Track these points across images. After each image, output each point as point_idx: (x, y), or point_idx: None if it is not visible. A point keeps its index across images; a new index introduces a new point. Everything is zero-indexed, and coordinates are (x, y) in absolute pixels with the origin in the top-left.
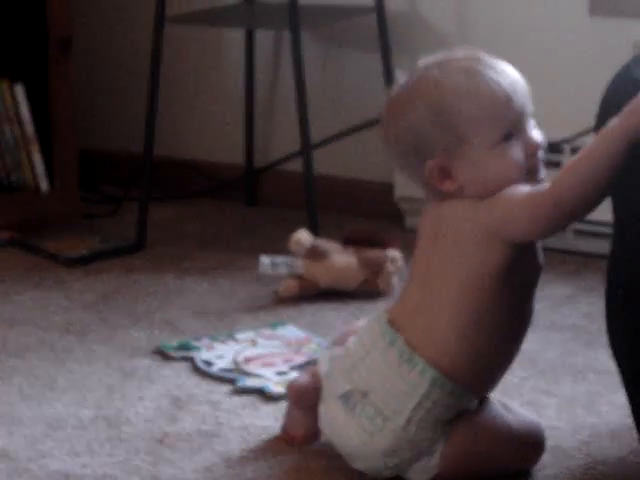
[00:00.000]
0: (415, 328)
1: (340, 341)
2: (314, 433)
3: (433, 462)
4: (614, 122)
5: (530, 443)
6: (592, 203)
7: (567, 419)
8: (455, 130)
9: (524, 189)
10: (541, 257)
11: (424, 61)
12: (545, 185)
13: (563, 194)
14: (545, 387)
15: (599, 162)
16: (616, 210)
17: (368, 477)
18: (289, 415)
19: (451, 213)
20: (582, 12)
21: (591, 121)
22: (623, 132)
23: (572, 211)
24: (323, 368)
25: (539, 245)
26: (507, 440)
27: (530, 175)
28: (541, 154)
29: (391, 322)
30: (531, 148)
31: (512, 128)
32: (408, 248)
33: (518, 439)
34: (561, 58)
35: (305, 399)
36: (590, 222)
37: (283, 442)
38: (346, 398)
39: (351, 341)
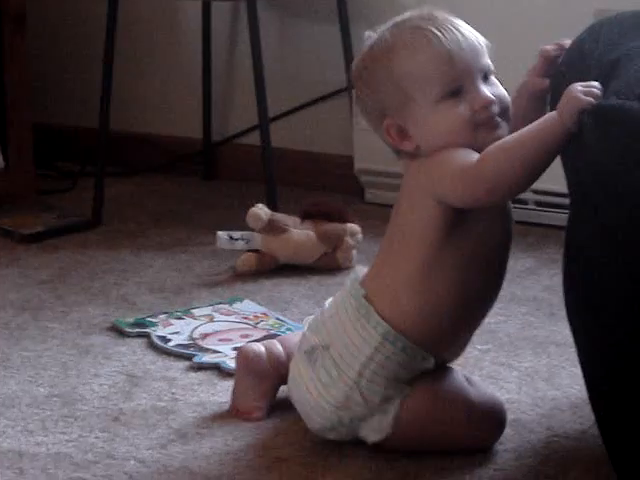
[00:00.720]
0: (376, 285)
1: None
2: (261, 408)
3: (386, 422)
4: (552, 113)
5: (490, 420)
6: (515, 187)
7: (527, 392)
8: (402, 87)
9: (462, 154)
10: (507, 220)
11: (388, 22)
12: (475, 156)
13: (489, 172)
14: (505, 360)
15: (530, 148)
16: (570, 183)
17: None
18: (238, 385)
19: (406, 172)
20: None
21: None
22: (558, 121)
23: (491, 192)
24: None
25: (503, 207)
26: (466, 413)
27: (483, 131)
28: (494, 109)
29: (362, 281)
30: (478, 103)
31: (457, 84)
32: (368, 220)
33: (478, 414)
34: (522, 28)
35: (254, 364)
36: (552, 194)
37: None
38: (310, 352)
39: (328, 300)
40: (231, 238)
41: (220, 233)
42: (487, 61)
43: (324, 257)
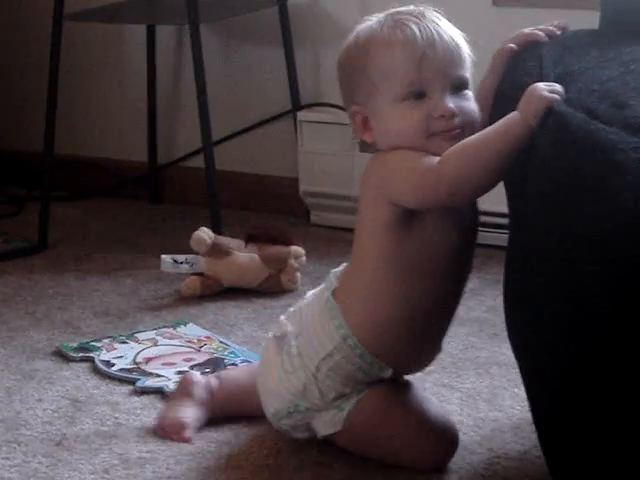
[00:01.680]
0: (343, 285)
1: None
2: (186, 430)
3: (339, 417)
4: (513, 114)
5: (441, 440)
6: (476, 190)
7: (469, 414)
8: (370, 79)
9: (420, 157)
10: (466, 230)
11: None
12: (434, 159)
13: (451, 173)
14: (448, 381)
15: (492, 147)
16: (510, 204)
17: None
18: (171, 404)
19: (367, 166)
20: (486, 2)
21: None
22: (522, 120)
23: (452, 194)
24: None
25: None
26: (417, 426)
27: (436, 140)
28: (454, 121)
29: (339, 276)
30: (436, 111)
31: (422, 87)
32: (313, 242)
33: (429, 431)
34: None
35: (190, 391)
36: (496, 214)
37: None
38: (280, 338)
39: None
40: (175, 262)
41: (164, 257)
42: (463, 73)
43: (268, 280)
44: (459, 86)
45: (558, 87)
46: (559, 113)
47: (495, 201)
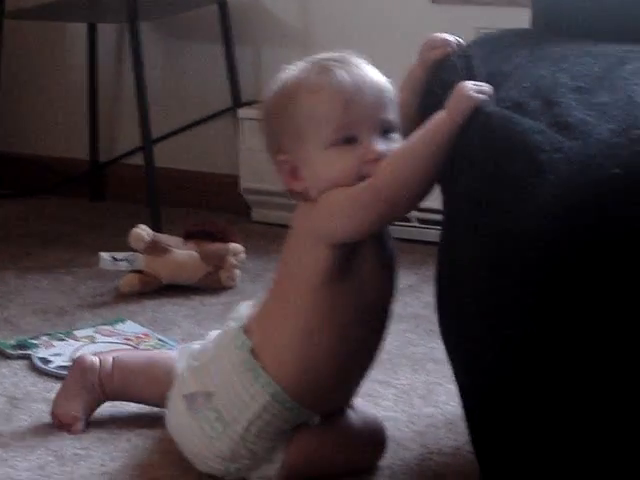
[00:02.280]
0: (261, 333)
1: None
2: (81, 419)
3: (273, 469)
4: (440, 114)
5: (372, 443)
6: (415, 195)
7: (404, 410)
8: (298, 127)
9: (344, 188)
10: (390, 270)
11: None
12: (367, 180)
13: (383, 181)
14: (383, 378)
15: (423, 150)
16: (443, 202)
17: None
18: (64, 393)
19: (296, 216)
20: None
21: None
22: (449, 120)
23: (391, 200)
24: (180, 364)
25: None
26: (350, 442)
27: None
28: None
29: (246, 326)
30: (368, 156)
31: (351, 132)
32: (253, 239)
33: (361, 439)
34: (405, 46)
35: (86, 376)
36: (435, 211)
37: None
38: (191, 399)
39: (211, 337)
40: (114, 259)
41: (103, 254)
42: (390, 117)
43: (207, 277)
44: (387, 129)
45: (486, 87)
46: (486, 113)
47: (434, 197)
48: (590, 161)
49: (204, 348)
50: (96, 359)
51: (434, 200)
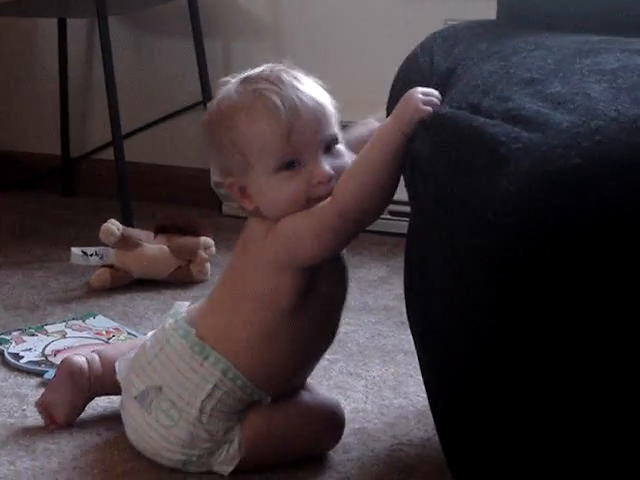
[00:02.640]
0: (209, 324)
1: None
2: (70, 414)
3: (233, 450)
4: (388, 121)
5: (329, 423)
6: (378, 206)
7: (374, 401)
8: (242, 152)
9: (306, 213)
10: (344, 274)
11: (236, 76)
12: (326, 201)
13: (346, 202)
14: (353, 369)
15: (377, 163)
16: (408, 192)
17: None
18: (52, 393)
19: (253, 232)
20: None
21: None
22: (397, 130)
23: (358, 218)
24: (121, 375)
25: (340, 264)
26: (303, 419)
27: (317, 202)
28: (332, 183)
29: (186, 318)
30: (316, 178)
31: (294, 157)
32: (225, 233)
33: (316, 419)
34: (375, 38)
35: (75, 378)
36: (405, 203)
37: (44, 419)
38: (142, 397)
39: (147, 339)
40: (85, 254)
41: (74, 249)
42: (332, 130)
43: (178, 271)
44: (330, 144)
45: (434, 95)
46: (442, 116)
47: (403, 190)
48: (551, 152)
49: (140, 350)
50: (83, 360)
51: (403, 192)
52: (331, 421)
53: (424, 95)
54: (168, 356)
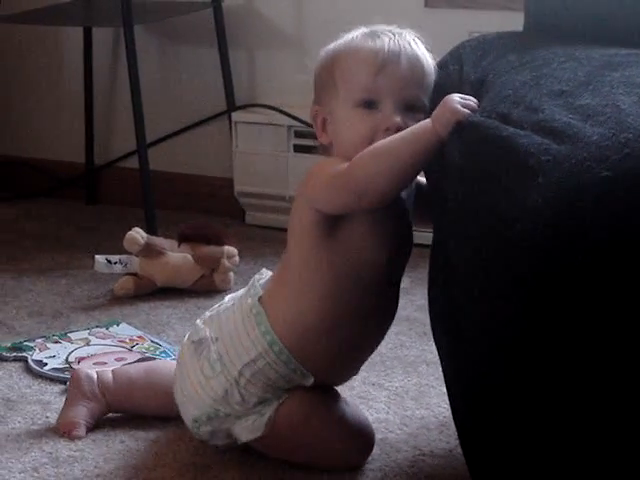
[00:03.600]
0: (271, 291)
1: None
2: (81, 425)
3: (260, 423)
4: (425, 120)
5: (360, 441)
6: (385, 192)
7: (396, 412)
8: (333, 81)
9: (335, 163)
10: (396, 239)
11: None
12: (344, 165)
13: (358, 177)
14: (376, 380)
15: (401, 156)
16: (434, 200)
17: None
18: (66, 405)
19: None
20: (418, 3)
21: None
22: (432, 130)
23: (359, 195)
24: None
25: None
26: (337, 429)
27: None
28: None
29: (265, 282)
30: (384, 123)
31: (376, 97)
32: (248, 242)
33: (349, 434)
34: None
35: (83, 388)
36: None
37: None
38: (199, 343)
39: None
40: (109, 262)
41: (98, 257)
42: (420, 95)
43: (201, 280)
44: (412, 106)
45: (472, 101)
46: (472, 123)
47: None
48: (580, 164)
49: (222, 301)
50: (92, 372)
51: None
52: (363, 441)
53: (462, 99)
54: (234, 312)
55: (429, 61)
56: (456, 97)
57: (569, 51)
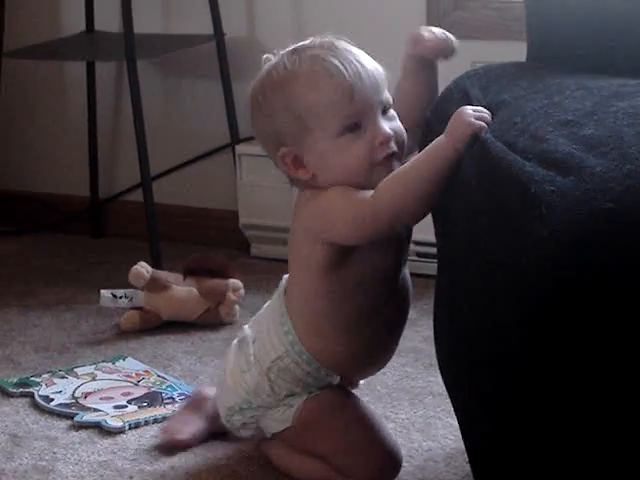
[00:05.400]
0: (288, 295)
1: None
2: (194, 436)
3: (289, 414)
4: (440, 138)
5: (389, 458)
6: (416, 215)
7: (403, 444)
8: (300, 118)
9: (351, 192)
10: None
11: (278, 53)
12: (367, 192)
13: (384, 206)
14: (382, 412)
15: (422, 177)
16: (437, 231)
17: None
18: (179, 416)
19: (298, 202)
20: (420, 22)
21: None
22: (450, 147)
23: (390, 224)
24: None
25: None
26: (362, 428)
27: (380, 167)
28: (392, 146)
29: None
30: (378, 139)
31: (357, 119)
32: (253, 275)
33: (379, 445)
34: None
35: (203, 405)
36: (433, 244)
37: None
38: (241, 341)
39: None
40: (114, 296)
41: (103, 291)
42: (386, 94)
43: (207, 313)
44: (384, 108)
45: (486, 113)
46: (483, 141)
47: (432, 231)
48: (583, 195)
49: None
50: (212, 391)
51: (432, 234)
52: (390, 458)
53: (475, 111)
54: (268, 312)
55: (371, 59)
56: (469, 109)
57: (580, 80)
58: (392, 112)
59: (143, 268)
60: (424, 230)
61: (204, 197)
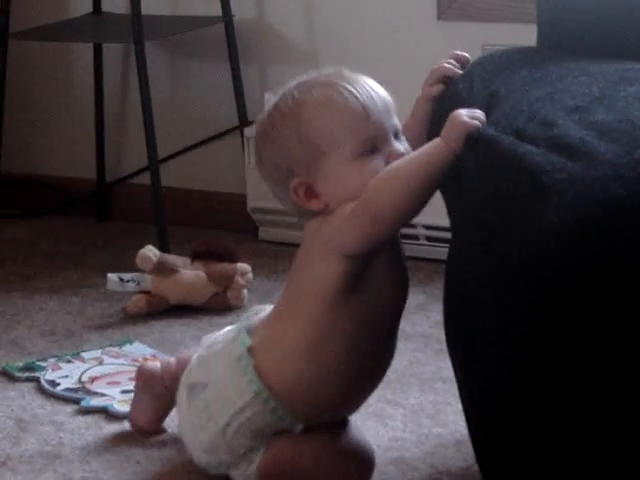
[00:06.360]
0: (265, 340)
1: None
2: (157, 421)
3: (251, 471)
4: (436, 139)
5: (356, 465)
6: (406, 216)
7: (412, 430)
8: (314, 144)
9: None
10: (402, 283)
11: (290, 82)
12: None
13: (376, 200)
14: (392, 398)
15: (412, 175)
16: (450, 219)
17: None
18: (136, 401)
19: (307, 232)
20: (431, 17)
21: None
22: (445, 148)
23: (390, 223)
24: (198, 351)
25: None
26: (331, 460)
27: None
28: None
29: (253, 325)
30: (392, 158)
31: (372, 141)
32: (261, 259)
33: (344, 459)
34: (411, 63)
35: (150, 384)
36: (443, 229)
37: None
38: (191, 388)
39: (228, 330)
40: (121, 280)
41: (110, 275)
42: (396, 120)
43: (215, 297)
44: (396, 132)
45: (479, 113)
46: (487, 136)
47: (441, 215)
48: (594, 182)
49: (216, 340)
50: (157, 365)
51: (442, 218)
52: (359, 464)
53: (469, 112)
54: (223, 358)
55: (379, 85)
56: (462, 111)
57: (582, 65)
58: (403, 138)
59: (150, 252)
60: (433, 214)
61: (212, 180)
